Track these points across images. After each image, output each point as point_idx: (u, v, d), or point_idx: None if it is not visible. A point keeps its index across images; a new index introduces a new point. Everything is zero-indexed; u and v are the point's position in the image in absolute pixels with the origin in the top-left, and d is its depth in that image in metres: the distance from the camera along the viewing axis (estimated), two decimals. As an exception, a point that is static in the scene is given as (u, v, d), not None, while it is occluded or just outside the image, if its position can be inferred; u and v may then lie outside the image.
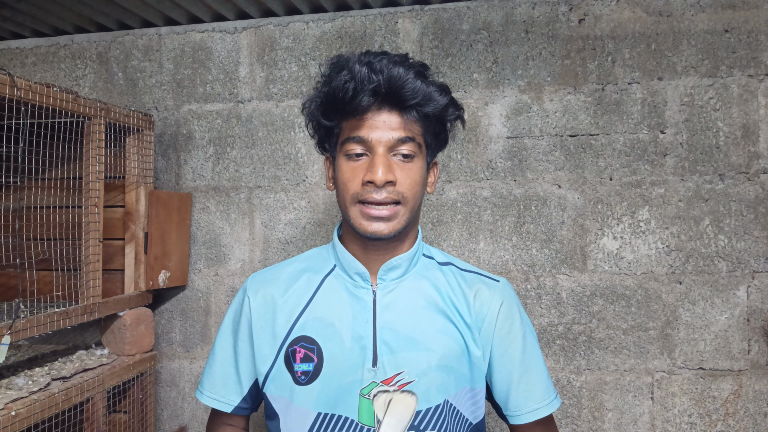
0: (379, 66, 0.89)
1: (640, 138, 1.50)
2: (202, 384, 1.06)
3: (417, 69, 0.92)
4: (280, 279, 1.05)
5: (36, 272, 1.44)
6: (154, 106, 1.74)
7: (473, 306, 1.00)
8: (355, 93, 0.90)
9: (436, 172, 1.06)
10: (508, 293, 1.04)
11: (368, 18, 1.62)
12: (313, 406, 0.94)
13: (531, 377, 1.00)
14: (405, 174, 0.93)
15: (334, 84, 0.91)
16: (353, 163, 0.93)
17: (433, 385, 0.94)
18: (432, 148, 1.00)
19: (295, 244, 1.66)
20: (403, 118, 0.92)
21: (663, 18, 1.49)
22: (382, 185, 0.90)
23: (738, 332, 1.45)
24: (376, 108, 0.92)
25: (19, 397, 1.16)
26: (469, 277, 1.04)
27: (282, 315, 1.00)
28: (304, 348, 0.97)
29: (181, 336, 1.72)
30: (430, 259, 1.05)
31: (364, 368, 0.94)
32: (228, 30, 1.70)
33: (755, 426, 1.45)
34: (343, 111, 0.93)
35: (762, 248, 1.45)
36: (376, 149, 0.92)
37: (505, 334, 1.00)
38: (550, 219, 1.54)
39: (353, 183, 0.93)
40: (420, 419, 0.93)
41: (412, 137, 0.93)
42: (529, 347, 1.02)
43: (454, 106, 0.98)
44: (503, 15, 1.56)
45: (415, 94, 0.90)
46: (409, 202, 0.94)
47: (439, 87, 0.94)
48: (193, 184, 1.72)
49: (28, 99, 1.18)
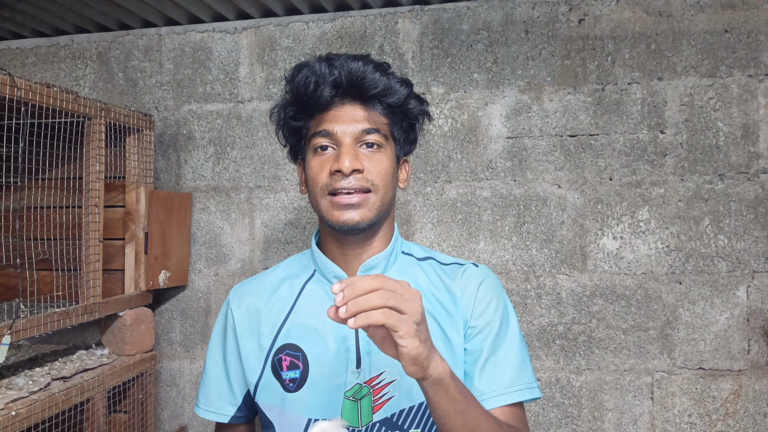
0: (338, 62, 0.93)
1: (640, 138, 1.50)
2: (198, 399, 1.08)
3: (376, 63, 0.95)
4: (261, 288, 1.05)
5: (36, 272, 1.44)
6: (154, 106, 1.74)
7: (456, 294, 0.99)
8: (316, 86, 0.93)
9: (408, 169, 1.06)
10: (490, 275, 1.03)
11: (368, 18, 1.62)
12: (304, 412, 0.95)
13: (499, 360, 0.95)
14: (373, 163, 0.94)
15: (296, 81, 0.95)
16: (320, 157, 0.95)
17: (414, 384, 0.93)
18: (401, 144, 1.01)
19: (295, 244, 1.66)
20: (367, 111, 0.94)
21: (663, 18, 1.49)
22: (350, 173, 0.91)
23: (738, 332, 1.45)
24: (340, 102, 0.94)
25: (20, 397, 1.16)
26: (449, 269, 1.03)
27: (266, 324, 1.01)
28: (290, 356, 0.97)
29: (182, 336, 1.72)
30: (408, 255, 1.05)
31: (348, 370, 0.94)
32: (228, 30, 1.70)
33: (755, 426, 1.45)
34: (307, 107, 0.96)
35: (762, 248, 1.45)
36: (342, 140, 0.93)
37: (479, 314, 0.97)
38: (550, 219, 1.54)
39: (321, 175, 0.94)
40: (403, 418, 0.94)
41: (377, 128, 0.95)
42: (504, 330, 0.97)
43: (416, 99, 0.99)
44: (503, 15, 1.56)
45: (375, 84, 0.93)
46: (380, 191, 0.94)
47: (399, 79, 0.97)
48: (193, 184, 1.72)
49: (28, 99, 1.18)
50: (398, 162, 1.02)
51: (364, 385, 0.94)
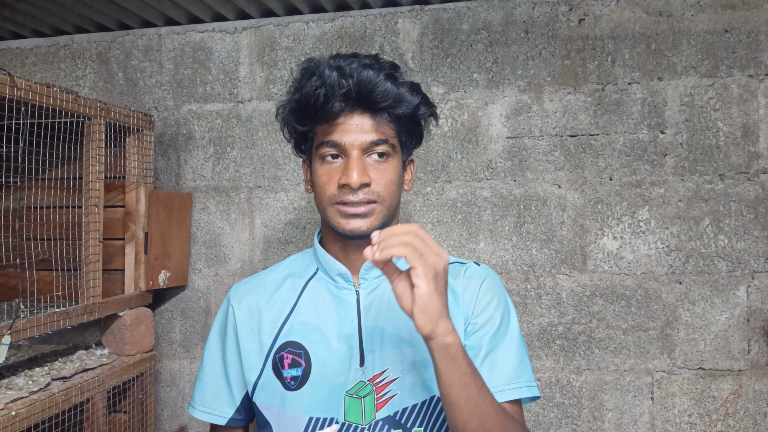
0: (348, 70, 0.90)
1: (640, 138, 1.50)
2: (194, 399, 1.06)
3: (387, 71, 0.93)
4: (263, 286, 1.05)
5: (36, 272, 1.44)
6: (154, 106, 1.74)
7: (457, 292, 1.00)
8: (326, 99, 0.91)
9: (413, 169, 1.06)
10: (492, 274, 1.05)
11: (368, 18, 1.62)
12: (305, 410, 0.95)
13: (498, 357, 0.95)
14: (380, 174, 0.94)
15: (305, 90, 0.92)
16: (328, 166, 0.95)
17: (417, 382, 0.94)
18: (407, 147, 1.01)
19: (295, 244, 1.66)
20: (375, 121, 0.93)
21: (663, 18, 1.49)
22: (358, 187, 0.91)
23: (738, 332, 1.45)
24: (348, 112, 0.93)
25: (19, 397, 1.16)
26: (452, 268, 1.04)
27: (267, 322, 1.01)
28: (292, 353, 0.97)
29: (181, 336, 1.72)
30: None
31: (352, 368, 0.94)
32: (228, 30, 1.70)
33: (755, 426, 1.45)
34: (315, 117, 0.94)
35: (762, 248, 1.45)
36: (350, 152, 0.93)
37: (484, 306, 0.98)
38: (550, 219, 1.54)
39: (329, 186, 0.94)
40: (406, 416, 0.94)
41: (385, 139, 0.94)
42: (503, 329, 0.97)
43: (426, 105, 0.98)
44: (503, 15, 1.56)
45: (386, 96, 0.91)
46: (386, 201, 0.95)
47: (409, 87, 0.95)
48: (193, 184, 1.72)
49: (28, 99, 1.18)
50: (404, 166, 1.02)
51: (368, 383, 0.94)
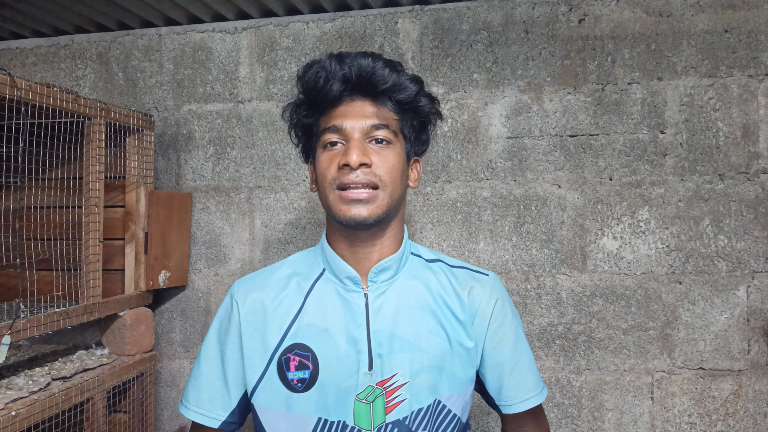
0: (348, 59, 0.94)
1: (639, 138, 1.50)
2: (187, 398, 1.01)
3: (386, 60, 0.96)
4: (268, 285, 1.03)
5: (36, 272, 1.44)
6: (154, 106, 1.74)
7: (467, 304, 1.01)
8: (325, 80, 0.94)
9: (419, 169, 1.06)
10: (499, 288, 1.06)
11: (368, 18, 1.62)
12: (313, 411, 0.94)
13: (522, 368, 1.03)
14: (381, 158, 0.94)
15: (307, 77, 0.96)
16: (330, 152, 0.95)
17: (425, 386, 0.94)
18: (411, 143, 1.01)
19: (295, 244, 1.66)
20: (376, 107, 0.95)
21: (663, 18, 1.49)
22: (357, 167, 0.91)
23: (738, 332, 1.45)
24: (349, 98, 0.95)
25: (19, 397, 1.16)
26: (460, 273, 1.04)
27: (273, 322, 0.99)
28: (299, 355, 0.96)
29: (181, 336, 1.72)
30: (417, 257, 1.05)
31: (360, 372, 0.94)
32: (228, 30, 1.70)
33: (755, 426, 1.45)
34: (317, 103, 0.96)
35: (762, 248, 1.45)
36: (351, 135, 0.93)
37: (497, 327, 1.02)
38: (550, 219, 1.54)
39: (330, 169, 0.94)
40: (412, 419, 0.93)
41: (386, 124, 0.95)
42: (519, 340, 1.05)
43: (427, 96, 1.00)
44: (503, 15, 1.56)
45: (384, 80, 0.94)
46: (388, 187, 0.94)
47: (410, 77, 0.97)
48: (193, 184, 1.72)
49: (28, 99, 1.18)
50: (408, 160, 1.01)
51: (377, 387, 0.93)
